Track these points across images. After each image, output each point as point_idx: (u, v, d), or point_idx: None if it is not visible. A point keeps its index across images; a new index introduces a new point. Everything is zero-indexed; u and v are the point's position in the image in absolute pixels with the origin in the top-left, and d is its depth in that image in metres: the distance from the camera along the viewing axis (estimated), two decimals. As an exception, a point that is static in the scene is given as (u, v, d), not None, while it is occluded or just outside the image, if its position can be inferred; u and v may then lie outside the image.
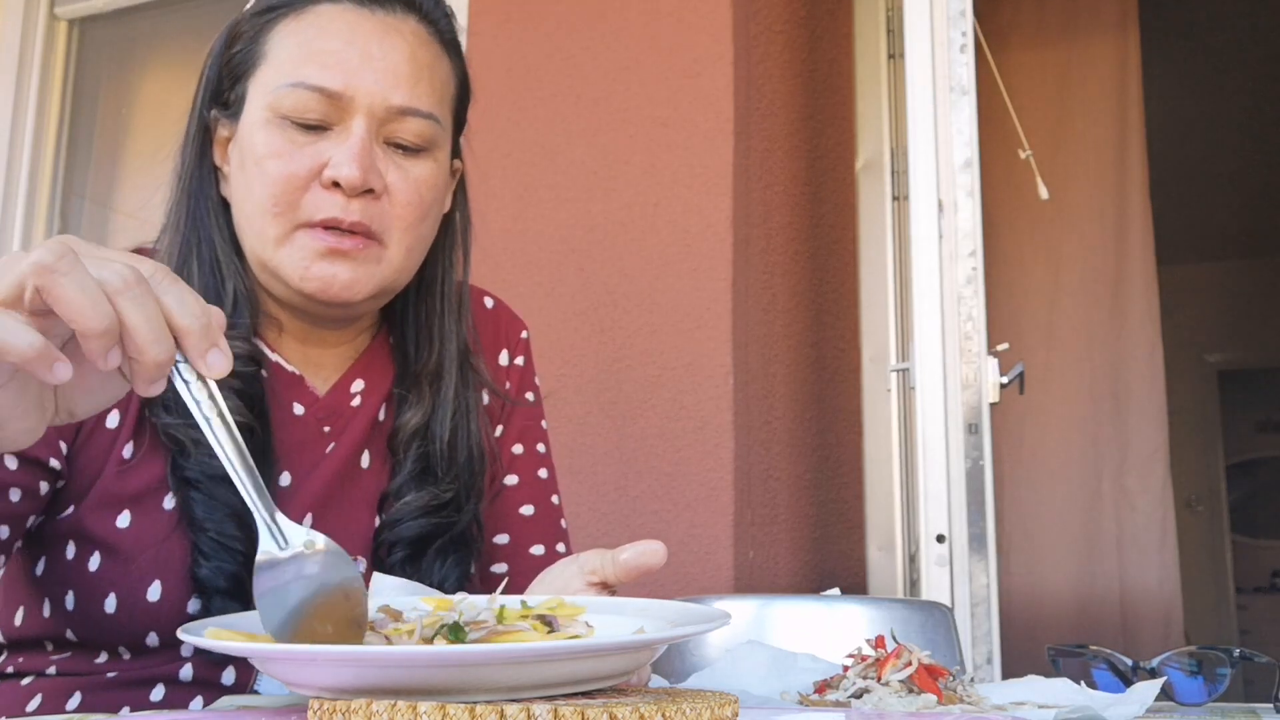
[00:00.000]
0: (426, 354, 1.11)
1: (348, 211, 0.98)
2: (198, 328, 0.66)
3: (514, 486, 1.20)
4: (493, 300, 1.27)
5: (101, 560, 0.96)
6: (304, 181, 0.98)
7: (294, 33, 1.01)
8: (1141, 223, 2.82)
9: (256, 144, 0.99)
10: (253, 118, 1.01)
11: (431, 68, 1.04)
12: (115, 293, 0.63)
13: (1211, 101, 4.52)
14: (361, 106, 0.99)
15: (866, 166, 2.53)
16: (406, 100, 1.00)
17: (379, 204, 1.00)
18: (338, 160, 0.97)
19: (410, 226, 1.03)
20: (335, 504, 1.05)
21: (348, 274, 0.99)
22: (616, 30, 2.26)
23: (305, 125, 0.99)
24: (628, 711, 0.59)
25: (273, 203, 0.98)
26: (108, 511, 0.96)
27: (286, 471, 1.03)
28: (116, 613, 0.95)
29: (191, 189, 1.06)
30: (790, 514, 2.25)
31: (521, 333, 1.26)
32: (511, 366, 1.24)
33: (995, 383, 1.94)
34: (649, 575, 0.83)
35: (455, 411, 1.10)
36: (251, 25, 1.03)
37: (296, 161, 0.98)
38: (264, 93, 1.00)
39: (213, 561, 0.94)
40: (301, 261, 0.99)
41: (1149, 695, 0.85)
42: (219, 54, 1.06)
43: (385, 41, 1.01)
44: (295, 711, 0.72)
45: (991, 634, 1.88)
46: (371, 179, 0.98)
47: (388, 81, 1.00)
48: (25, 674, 0.99)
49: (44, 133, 2.98)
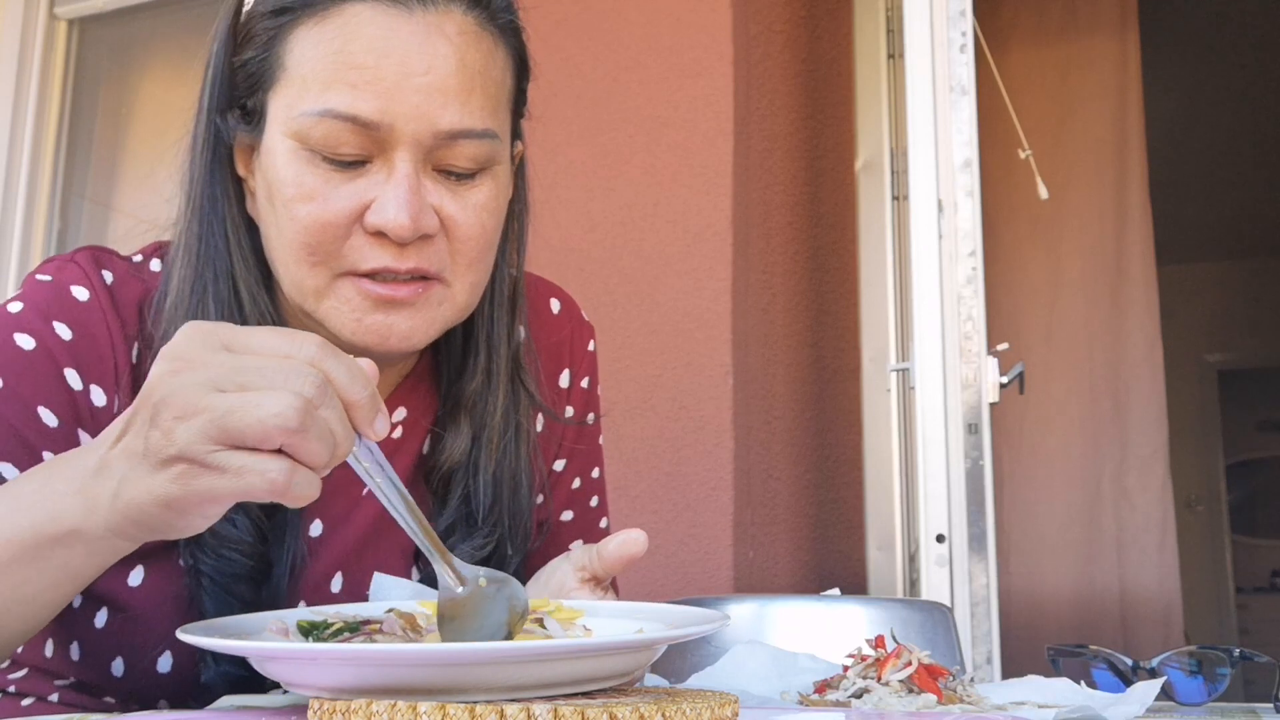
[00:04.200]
0: (473, 367, 0.96)
1: (402, 260, 0.84)
2: (366, 400, 0.63)
3: (569, 522, 1.08)
4: (560, 303, 1.10)
5: (109, 617, 0.88)
6: (343, 229, 0.83)
7: (317, 41, 0.83)
8: (1141, 223, 2.82)
9: (283, 180, 0.84)
10: (275, 143, 0.85)
11: (484, 72, 0.86)
12: (318, 405, 0.62)
13: (1211, 101, 4.52)
14: (404, 136, 0.82)
15: (866, 166, 2.53)
16: (457, 122, 0.84)
17: (435, 245, 0.85)
18: (382, 204, 0.82)
19: (474, 263, 0.88)
20: (369, 556, 0.94)
21: (406, 324, 0.85)
22: (616, 30, 2.25)
23: (339, 161, 0.83)
24: (628, 711, 0.59)
25: (308, 253, 0.84)
26: (120, 566, 0.84)
27: (318, 520, 0.93)
28: (123, 678, 0.88)
29: (203, 207, 0.90)
30: (790, 514, 2.25)
31: (589, 343, 1.10)
32: (574, 389, 1.08)
33: (995, 382, 1.94)
34: (633, 565, 0.82)
35: (502, 438, 0.96)
36: (265, 27, 0.85)
37: (333, 206, 0.83)
38: (286, 116, 0.84)
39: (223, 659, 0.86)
40: (351, 315, 0.85)
41: (1149, 695, 0.85)
42: (224, 55, 0.90)
43: (427, 49, 0.83)
44: (295, 711, 0.72)
45: (991, 634, 1.88)
46: (424, 222, 0.83)
47: (434, 101, 0.83)
48: (26, 695, 0.94)
49: (44, 133, 2.98)
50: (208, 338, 0.63)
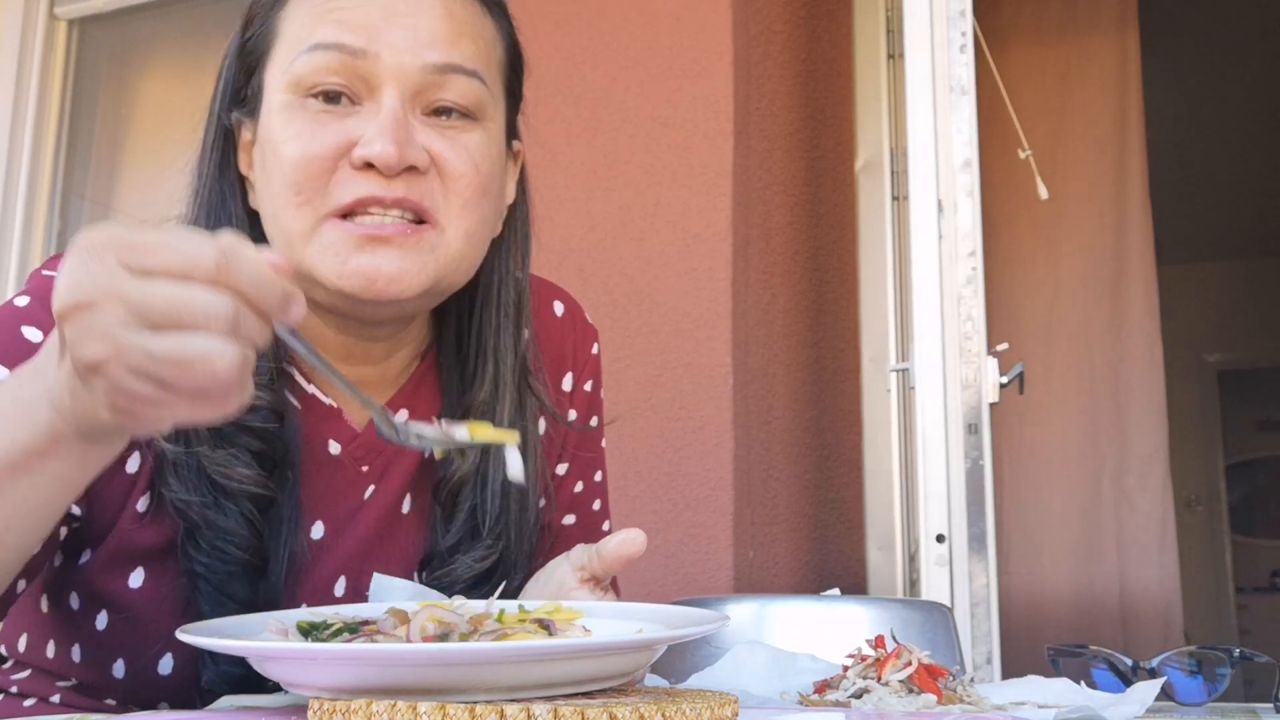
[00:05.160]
0: (480, 376, 0.94)
1: (388, 189, 0.83)
2: (278, 302, 0.61)
3: (571, 526, 1.07)
4: (564, 305, 1.09)
5: (110, 620, 0.88)
6: (329, 163, 0.83)
7: (308, 4, 0.87)
8: (1141, 222, 2.82)
9: (274, 130, 0.85)
10: (272, 103, 0.87)
11: (471, 24, 0.88)
12: (238, 330, 0.59)
13: (1211, 101, 4.52)
14: (390, 70, 0.83)
15: (866, 166, 2.53)
16: (444, 55, 0.85)
17: (426, 180, 0.85)
18: (369, 136, 0.82)
19: (469, 203, 0.86)
20: (373, 560, 0.93)
21: (394, 264, 0.83)
22: (616, 30, 2.25)
23: (329, 98, 0.84)
24: (628, 711, 0.59)
25: (294, 191, 0.83)
26: (120, 568, 0.87)
27: (320, 522, 0.91)
28: (125, 679, 0.88)
29: (211, 204, 0.91)
30: (790, 514, 2.25)
31: (593, 346, 1.09)
32: (577, 392, 1.06)
33: (995, 383, 1.94)
34: (632, 564, 0.82)
35: None
36: (262, 8, 0.90)
37: (318, 140, 0.83)
38: (280, 73, 0.86)
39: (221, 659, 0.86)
40: (336, 256, 0.83)
41: (1149, 695, 0.85)
42: (235, 49, 0.93)
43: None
44: (295, 711, 0.72)
45: (991, 634, 1.88)
46: (411, 154, 0.83)
47: (421, 38, 0.84)
48: (29, 696, 0.94)
49: (44, 133, 2.98)
50: (106, 258, 0.59)
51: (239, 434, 0.86)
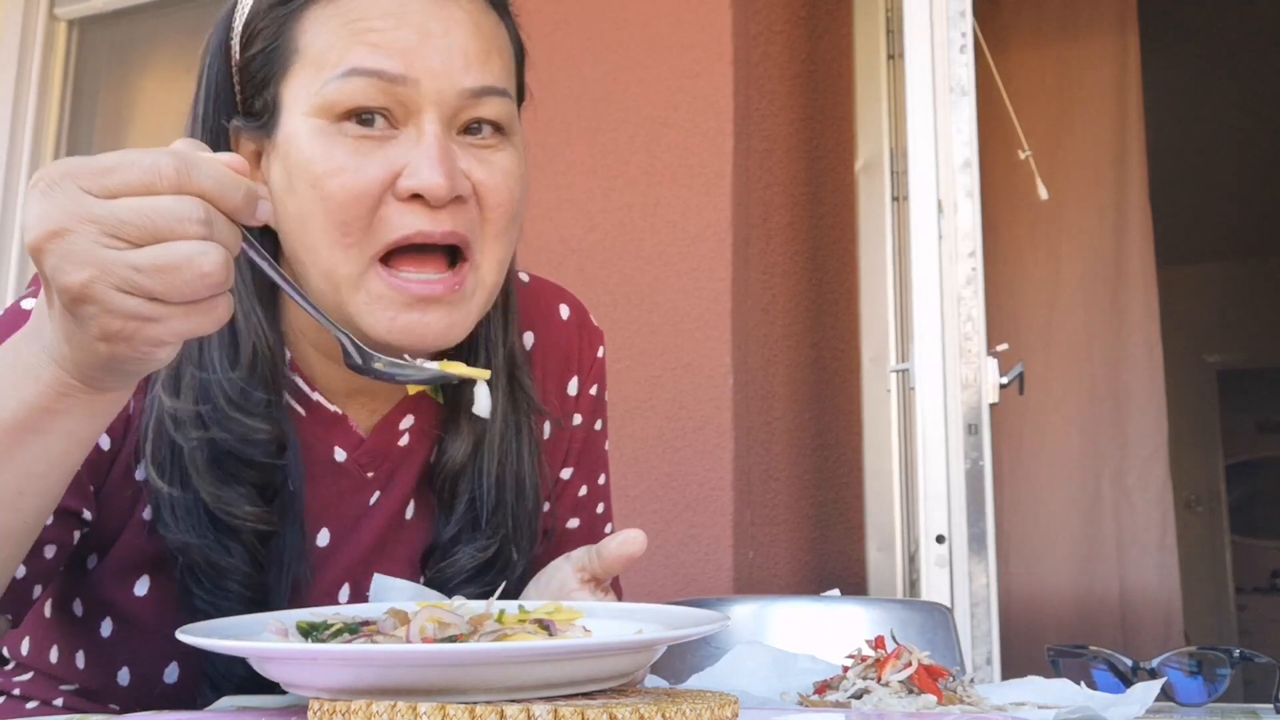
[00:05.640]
0: None
1: (436, 223, 0.82)
2: (243, 200, 0.63)
3: (575, 529, 1.06)
4: (570, 309, 1.08)
5: (115, 628, 0.87)
6: (375, 199, 0.81)
7: (330, 18, 0.83)
8: (1141, 223, 2.82)
9: (310, 160, 0.82)
10: (296, 127, 0.83)
11: (496, 39, 0.88)
12: (211, 233, 0.61)
13: (1211, 101, 4.51)
14: (429, 95, 0.82)
15: (866, 167, 2.53)
16: (479, 79, 0.84)
17: (467, 209, 0.84)
18: (415, 166, 0.81)
19: (502, 233, 0.86)
20: (377, 566, 0.92)
21: (442, 322, 0.83)
22: (616, 30, 2.25)
23: (365, 123, 0.82)
24: (628, 712, 0.59)
25: (341, 232, 0.81)
26: (126, 576, 0.86)
27: (325, 529, 0.91)
28: (130, 687, 0.88)
29: None
30: (790, 514, 2.25)
31: (598, 350, 1.08)
32: (583, 396, 1.06)
33: (995, 383, 1.94)
34: (633, 564, 0.82)
35: (502, 440, 0.94)
36: (271, 19, 0.86)
37: (364, 175, 0.81)
38: (307, 94, 0.83)
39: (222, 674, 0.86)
40: (385, 312, 0.82)
41: (1149, 695, 0.85)
42: (221, 56, 0.89)
43: (443, 14, 0.84)
44: (295, 712, 0.72)
45: (991, 634, 1.88)
46: (458, 182, 0.82)
47: (456, 60, 0.83)
48: (31, 699, 0.94)
49: (44, 133, 2.98)
50: (67, 187, 0.60)
51: (242, 469, 0.85)
